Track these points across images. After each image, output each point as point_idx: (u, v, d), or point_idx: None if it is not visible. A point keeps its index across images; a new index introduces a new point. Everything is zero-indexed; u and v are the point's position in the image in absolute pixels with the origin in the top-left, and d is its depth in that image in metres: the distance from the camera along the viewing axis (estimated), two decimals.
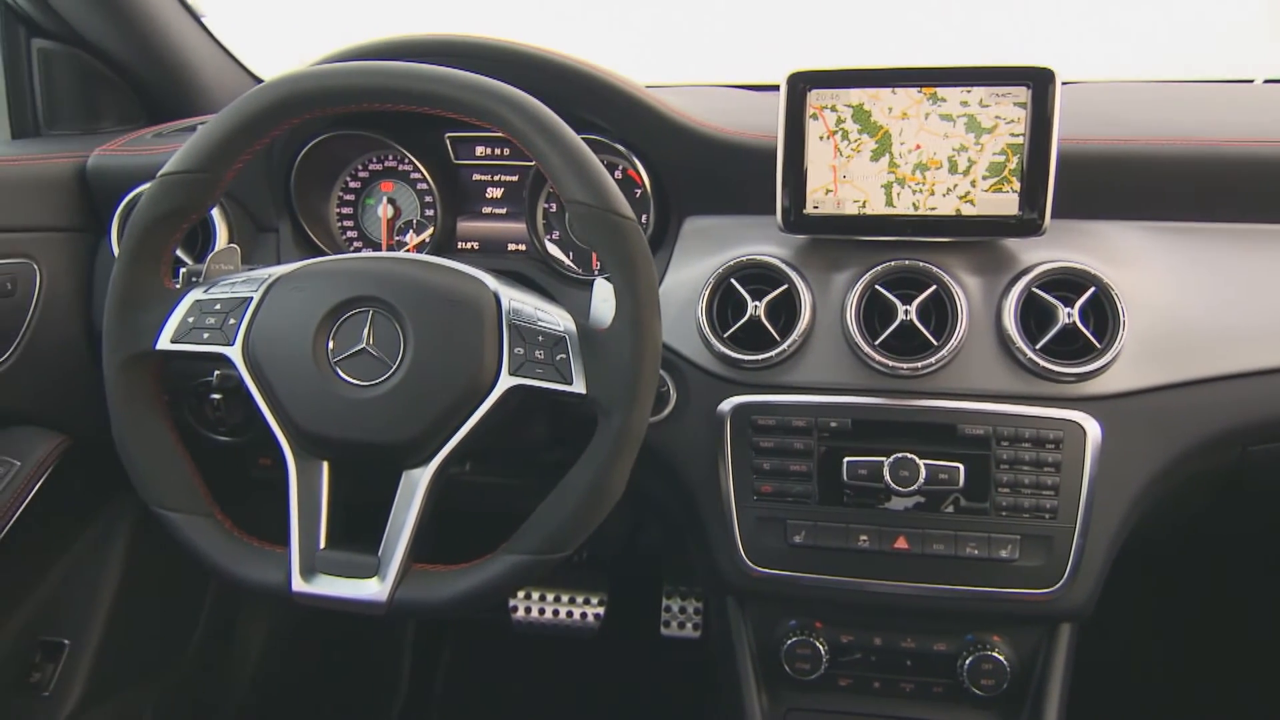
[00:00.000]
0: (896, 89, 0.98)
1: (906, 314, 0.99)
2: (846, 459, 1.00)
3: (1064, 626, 1.06)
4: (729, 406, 1.03)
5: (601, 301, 0.86)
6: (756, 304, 1.02)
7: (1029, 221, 0.98)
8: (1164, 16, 1.73)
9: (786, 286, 1.02)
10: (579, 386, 0.82)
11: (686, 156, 1.11)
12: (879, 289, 1.01)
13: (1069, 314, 0.97)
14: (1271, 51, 1.58)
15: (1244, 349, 1.00)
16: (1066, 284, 0.99)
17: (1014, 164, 0.98)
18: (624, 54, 1.12)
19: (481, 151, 1.23)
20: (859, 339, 1.00)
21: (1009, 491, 0.98)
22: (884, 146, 1.00)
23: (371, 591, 0.82)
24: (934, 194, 1.00)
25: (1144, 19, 1.75)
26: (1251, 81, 1.45)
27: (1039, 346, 0.98)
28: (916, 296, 1.00)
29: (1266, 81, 1.43)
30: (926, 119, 0.98)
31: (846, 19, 1.83)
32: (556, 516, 0.82)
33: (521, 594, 1.74)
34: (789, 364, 1.03)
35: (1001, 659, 1.05)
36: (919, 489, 0.98)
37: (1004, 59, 0.97)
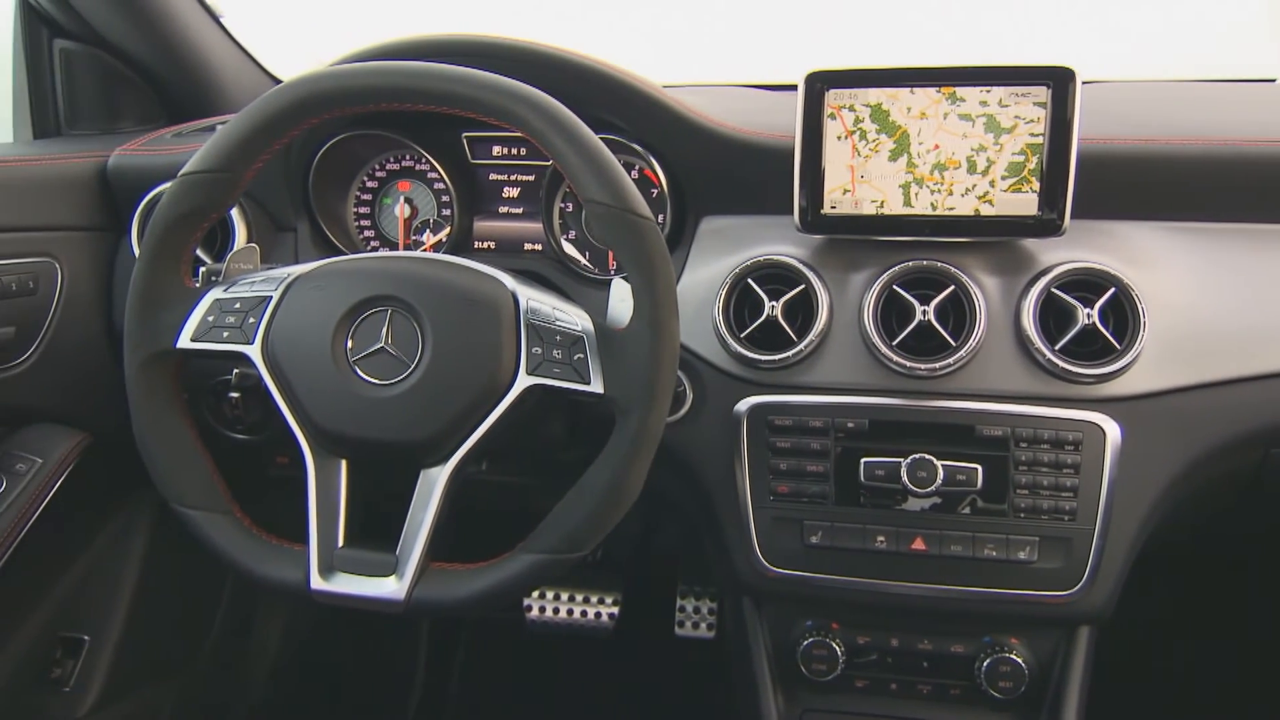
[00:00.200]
0: (915, 89, 0.98)
1: (924, 314, 0.99)
2: (864, 459, 0.99)
3: (1083, 629, 1.05)
4: (746, 406, 1.03)
5: (619, 301, 0.86)
6: (773, 304, 1.01)
7: (1048, 222, 0.98)
8: (1164, 16, 1.72)
9: (803, 287, 1.02)
10: (597, 386, 0.82)
11: (704, 156, 1.11)
12: (897, 289, 1.01)
13: (1089, 315, 0.96)
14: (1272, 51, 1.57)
15: (1266, 350, 0.99)
16: (1086, 284, 0.99)
17: (1033, 164, 0.97)
18: (623, 54, 1.12)
19: (498, 151, 1.23)
20: (876, 339, 1.00)
21: (1027, 493, 0.98)
22: (902, 146, 0.99)
23: (389, 590, 0.82)
24: (952, 194, 0.99)
25: (1143, 19, 1.74)
26: (1273, 81, 1.44)
27: (1058, 347, 0.97)
28: (934, 297, 0.99)
29: None
30: (945, 119, 0.98)
31: (846, 19, 1.83)
32: (574, 516, 0.82)
33: (536, 593, 1.74)
34: (806, 364, 1.03)
35: (1019, 661, 1.04)
36: (936, 490, 0.97)
37: (1023, 59, 0.96)
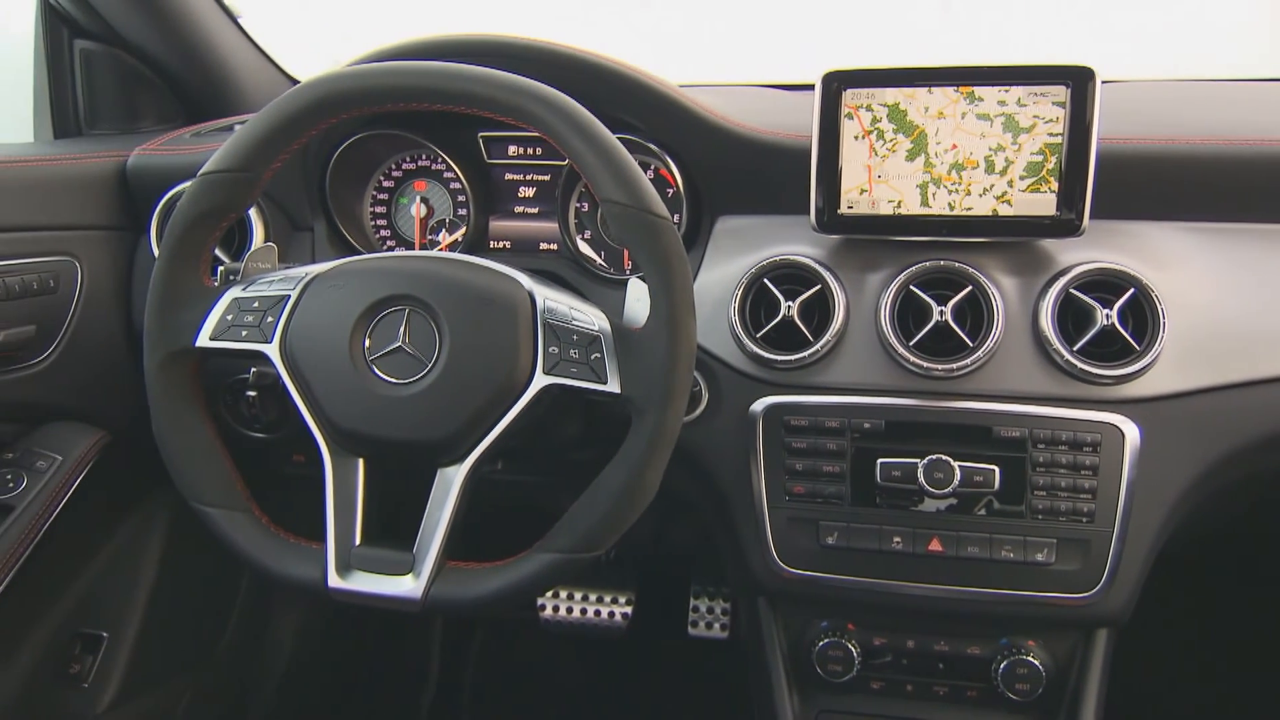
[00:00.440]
0: (933, 88, 0.97)
1: (941, 315, 0.98)
2: (880, 460, 0.99)
3: (1101, 631, 1.05)
4: (761, 407, 1.03)
5: (635, 301, 0.86)
6: (789, 304, 1.01)
7: (1067, 222, 0.97)
8: (1163, 17, 1.71)
9: (820, 287, 1.02)
10: (613, 386, 0.82)
11: (720, 156, 1.11)
12: (914, 289, 1.00)
13: (1108, 315, 0.96)
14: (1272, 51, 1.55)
15: None
16: (1105, 285, 0.98)
17: (1052, 164, 0.97)
18: (623, 54, 1.12)
19: (514, 151, 1.23)
20: (893, 340, 0.99)
21: (1045, 494, 0.97)
22: (920, 146, 0.99)
23: (406, 588, 0.82)
24: (970, 194, 0.99)
25: (1142, 20, 1.73)
26: None
27: (1077, 348, 0.97)
28: (952, 297, 0.99)
29: None
30: (963, 118, 0.98)
31: (845, 19, 1.82)
32: (590, 515, 0.82)
33: (549, 592, 1.74)
34: (822, 364, 1.02)
35: (1037, 663, 1.04)
36: (953, 491, 0.97)
37: (1042, 58, 0.96)
